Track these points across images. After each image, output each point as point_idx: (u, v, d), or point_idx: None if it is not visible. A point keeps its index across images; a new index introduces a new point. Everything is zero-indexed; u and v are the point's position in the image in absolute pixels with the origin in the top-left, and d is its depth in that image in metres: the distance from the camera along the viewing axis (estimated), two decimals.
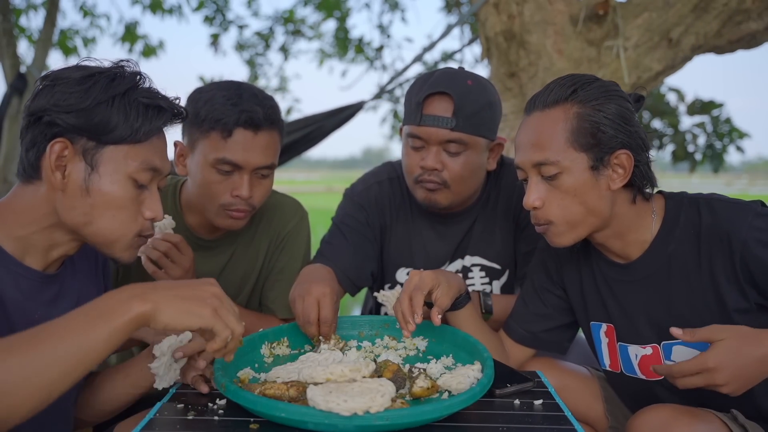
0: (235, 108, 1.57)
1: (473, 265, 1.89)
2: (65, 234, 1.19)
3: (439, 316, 1.39)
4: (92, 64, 1.19)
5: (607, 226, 1.37)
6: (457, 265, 1.91)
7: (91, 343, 0.90)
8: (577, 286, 1.52)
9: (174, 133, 1.28)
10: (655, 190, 1.41)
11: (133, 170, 1.17)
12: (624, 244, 1.39)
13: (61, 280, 1.25)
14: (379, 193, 1.92)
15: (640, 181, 1.34)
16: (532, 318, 1.60)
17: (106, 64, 1.20)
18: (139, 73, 1.20)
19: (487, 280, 1.89)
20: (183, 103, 1.27)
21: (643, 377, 1.43)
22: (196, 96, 1.64)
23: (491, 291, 1.90)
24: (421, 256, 1.90)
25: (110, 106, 1.14)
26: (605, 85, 1.35)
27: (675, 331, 1.16)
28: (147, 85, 1.20)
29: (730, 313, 1.29)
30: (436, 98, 1.69)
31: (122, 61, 1.21)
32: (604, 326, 1.47)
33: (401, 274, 1.92)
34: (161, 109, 1.19)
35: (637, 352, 1.42)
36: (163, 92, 1.22)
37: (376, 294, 1.65)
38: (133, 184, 1.18)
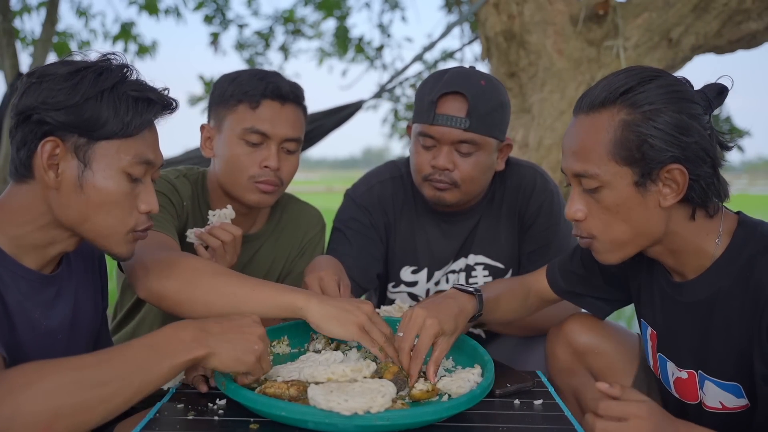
0: (261, 81, 1.64)
1: (477, 263, 1.90)
2: (62, 231, 1.18)
3: (436, 376, 1.26)
4: (78, 58, 1.17)
5: (659, 243, 1.23)
6: (461, 263, 1.91)
7: (154, 377, 1.01)
8: (636, 281, 1.44)
9: (163, 125, 1.26)
10: (726, 203, 1.23)
11: (127, 164, 1.16)
12: (677, 262, 1.26)
13: (59, 281, 1.25)
14: (382, 193, 1.91)
15: (699, 197, 1.16)
16: (576, 279, 1.54)
17: (93, 56, 1.18)
18: (126, 66, 1.18)
19: (490, 279, 1.90)
20: (173, 95, 1.25)
21: (677, 396, 1.36)
22: (221, 79, 1.71)
23: None
24: (426, 255, 1.90)
25: (99, 101, 1.12)
26: (668, 84, 1.16)
27: (601, 385, 1.09)
28: (134, 77, 1.18)
29: (756, 371, 1.18)
30: (450, 98, 1.69)
31: (108, 54, 1.19)
32: (650, 329, 1.41)
33: (405, 273, 1.92)
34: (151, 101, 1.18)
35: (673, 370, 1.35)
36: (151, 84, 1.20)
37: (377, 310, 1.64)
38: (127, 178, 1.17)
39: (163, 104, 1.21)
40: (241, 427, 1.10)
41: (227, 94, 1.65)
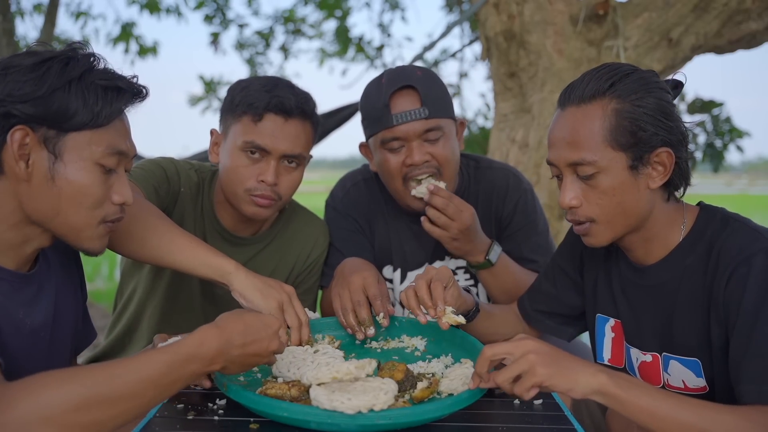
0: (267, 94, 1.62)
1: (458, 267, 1.89)
2: (35, 228, 1.15)
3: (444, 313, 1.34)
4: (43, 49, 1.14)
5: (643, 227, 1.31)
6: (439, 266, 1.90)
7: (167, 393, 1.02)
8: (593, 275, 1.50)
9: (134, 114, 1.23)
10: (687, 192, 1.34)
11: (99, 156, 1.13)
12: (646, 250, 1.35)
13: (38, 279, 1.22)
14: (357, 196, 1.93)
15: (678, 180, 1.28)
16: (541, 297, 1.61)
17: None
18: (93, 55, 1.15)
19: (471, 282, 1.89)
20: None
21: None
22: (234, 86, 1.70)
23: (477, 293, 1.90)
24: (400, 256, 1.90)
25: (67, 91, 1.09)
26: (644, 76, 1.27)
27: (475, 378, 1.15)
28: (102, 65, 1.15)
29: (713, 341, 1.25)
30: (399, 94, 1.69)
31: (74, 43, 1.16)
32: (612, 321, 1.46)
33: (387, 271, 1.93)
34: (120, 89, 1.15)
35: (638, 356, 1.41)
36: (120, 72, 1.17)
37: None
38: (100, 169, 1.14)
39: (133, 92, 1.18)
40: (241, 427, 1.10)
41: (235, 103, 1.64)
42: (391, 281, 1.92)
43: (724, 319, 1.22)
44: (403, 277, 1.91)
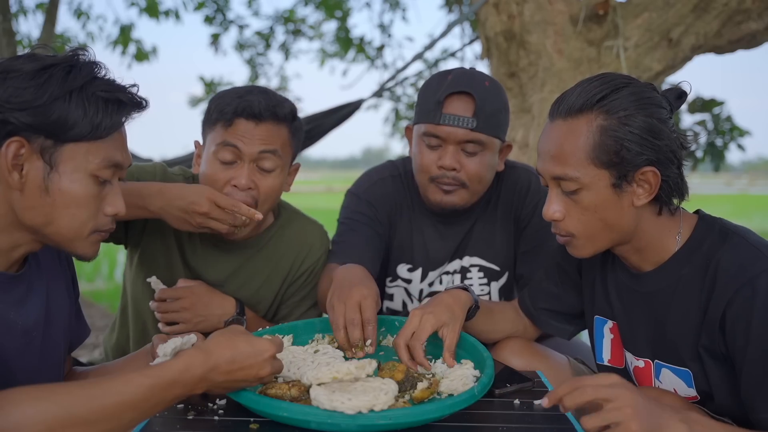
0: (238, 99, 1.60)
1: (472, 265, 1.90)
2: (26, 234, 1.14)
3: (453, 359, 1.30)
4: (46, 53, 1.12)
5: (629, 241, 1.31)
6: (456, 265, 1.91)
7: (146, 415, 1.02)
8: (591, 276, 1.50)
9: (132, 125, 1.20)
10: (684, 202, 1.32)
11: (95, 168, 1.12)
12: (640, 258, 1.34)
13: (27, 279, 1.21)
14: (384, 190, 1.92)
15: (666, 196, 1.26)
16: (544, 296, 1.60)
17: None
18: (96, 63, 1.13)
19: (485, 281, 1.89)
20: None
21: (636, 385, 1.41)
22: (213, 97, 1.69)
23: (489, 292, 1.91)
24: (421, 255, 1.90)
25: (68, 102, 1.07)
26: (637, 91, 1.23)
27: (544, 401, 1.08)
28: (104, 75, 1.13)
29: (702, 354, 1.25)
30: (456, 97, 1.70)
31: (77, 49, 1.13)
32: (610, 323, 1.46)
33: (402, 269, 1.93)
34: (121, 102, 1.13)
35: (631, 360, 1.41)
36: (120, 81, 1.15)
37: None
38: (94, 181, 1.13)
39: (134, 104, 1.16)
40: (241, 427, 1.10)
41: (209, 112, 1.64)
42: (408, 281, 1.92)
43: (724, 340, 1.20)
44: (424, 276, 1.91)
